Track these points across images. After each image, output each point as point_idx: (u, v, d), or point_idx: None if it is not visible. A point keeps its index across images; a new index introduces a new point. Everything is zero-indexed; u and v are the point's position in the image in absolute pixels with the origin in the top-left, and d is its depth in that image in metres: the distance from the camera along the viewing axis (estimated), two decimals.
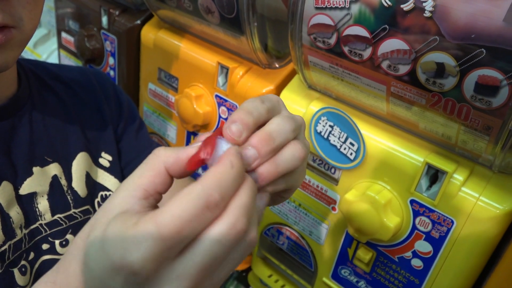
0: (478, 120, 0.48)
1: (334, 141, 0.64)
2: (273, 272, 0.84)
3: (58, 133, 0.59)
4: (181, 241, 0.28)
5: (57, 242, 0.55)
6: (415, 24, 0.47)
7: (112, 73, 1.04)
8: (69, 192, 0.58)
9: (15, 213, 0.51)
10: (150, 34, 0.93)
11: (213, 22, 0.75)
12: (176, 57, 0.87)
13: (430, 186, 0.57)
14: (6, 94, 0.54)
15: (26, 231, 0.52)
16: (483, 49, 0.43)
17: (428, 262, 0.58)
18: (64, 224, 0.56)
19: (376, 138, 0.61)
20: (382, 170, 0.60)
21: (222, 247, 0.29)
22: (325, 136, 0.65)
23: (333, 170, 0.66)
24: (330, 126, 0.64)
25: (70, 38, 1.15)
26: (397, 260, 0.61)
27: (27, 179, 0.53)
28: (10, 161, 0.52)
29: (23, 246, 0.51)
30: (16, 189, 0.52)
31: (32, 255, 0.52)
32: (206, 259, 0.29)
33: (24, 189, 0.53)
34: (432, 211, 0.56)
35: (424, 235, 0.58)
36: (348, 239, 0.67)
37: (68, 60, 1.20)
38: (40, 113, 0.58)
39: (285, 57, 0.77)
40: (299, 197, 0.72)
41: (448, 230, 0.55)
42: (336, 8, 0.52)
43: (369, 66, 0.53)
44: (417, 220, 0.58)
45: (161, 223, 0.27)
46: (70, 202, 0.58)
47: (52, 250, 0.54)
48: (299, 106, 0.67)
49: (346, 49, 0.54)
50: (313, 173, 0.68)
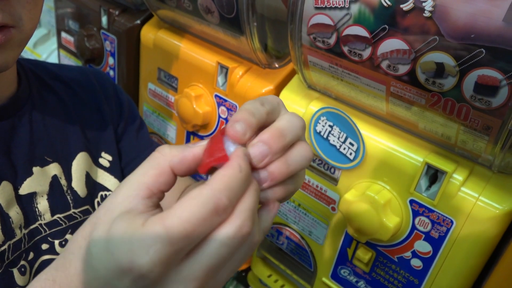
0: (478, 120, 0.48)
1: (334, 141, 0.64)
2: (273, 272, 0.84)
3: (58, 133, 0.59)
4: (189, 244, 0.28)
5: (57, 242, 0.55)
6: (415, 24, 0.47)
7: (112, 73, 1.04)
8: (69, 192, 0.58)
9: (15, 213, 0.51)
10: (150, 34, 0.93)
11: (213, 22, 0.75)
12: (176, 57, 0.87)
13: (430, 186, 0.57)
14: (6, 94, 0.54)
15: (26, 231, 0.52)
16: (483, 49, 0.43)
17: (428, 262, 0.58)
18: (64, 224, 0.56)
19: (376, 138, 0.61)
20: (382, 170, 0.60)
21: (228, 250, 0.29)
22: (325, 136, 0.65)
23: (333, 170, 0.66)
24: (330, 126, 0.64)
25: (70, 38, 1.15)
26: (397, 260, 0.61)
27: (27, 179, 0.53)
28: (10, 161, 0.52)
29: (23, 246, 0.51)
30: (16, 189, 0.52)
31: (32, 255, 0.52)
32: (213, 261, 0.29)
33: (24, 189, 0.53)
34: (432, 211, 0.56)
35: (424, 235, 0.58)
36: (348, 239, 0.67)
37: (68, 60, 1.20)
38: (40, 113, 0.58)
39: (285, 57, 0.77)
40: (299, 197, 0.72)
41: (448, 230, 0.55)
42: (336, 8, 0.52)
43: (369, 66, 0.53)
44: (417, 220, 0.58)
45: (170, 226, 0.27)
46: (70, 202, 0.57)
47: (52, 250, 0.54)
48: (299, 106, 0.67)
49: (346, 49, 0.54)
50: (313, 173, 0.68)
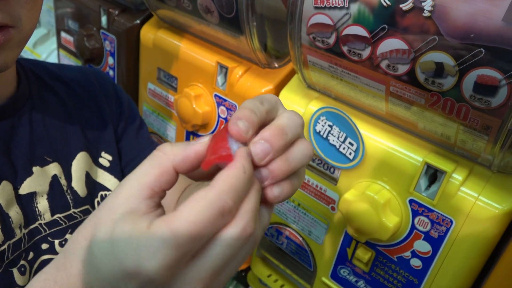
0: (477, 120, 0.48)
1: (333, 141, 0.64)
2: (272, 272, 0.84)
3: (58, 133, 0.59)
4: (195, 247, 0.28)
5: (57, 242, 0.55)
6: (414, 24, 0.47)
7: (112, 73, 1.04)
8: (69, 192, 0.58)
9: (15, 213, 0.51)
10: (150, 34, 0.93)
11: (213, 22, 0.75)
12: (176, 57, 0.87)
13: (429, 186, 0.57)
14: (6, 94, 0.54)
15: (26, 231, 0.52)
16: (482, 49, 0.43)
17: (427, 262, 0.58)
18: (64, 224, 0.56)
19: (375, 138, 0.61)
20: (381, 170, 0.60)
21: (233, 250, 0.30)
22: (324, 136, 0.65)
23: (332, 170, 0.66)
24: (329, 126, 0.64)
25: (70, 38, 1.15)
26: (396, 260, 0.61)
27: (27, 179, 0.53)
28: (10, 161, 0.52)
29: (23, 246, 0.51)
30: (16, 189, 0.52)
31: (32, 255, 0.52)
32: (218, 263, 0.29)
33: (24, 189, 0.53)
34: (431, 211, 0.56)
35: (423, 235, 0.58)
36: (347, 239, 0.67)
37: (68, 60, 1.20)
38: (40, 113, 0.58)
39: (284, 57, 0.77)
40: (298, 197, 0.72)
41: (447, 230, 0.55)
42: (335, 8, 0.52)
43: (368, 66, 0.53)
44: (416, 220, 0.58)
45: (176, 230, 0.27)
46: (70, 202, 0.57)
47: (52, 250, 0.54)
48: (298, 106, 0.67)
49: (345, 49, 0.54)
50: (312, 173, 0.68)
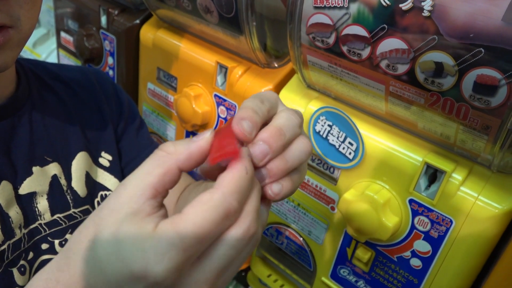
0: (477, 120, 0.48)
1: (333, 141, 0.64)
2: (272, 272, 0.84)
3: (58, 133, 0.59)
4: (201, 249, 0.29)
5: (57, 242, 0.55)
6: (414, 24, 0.47)
7: (111, 73, 1.04)
8: (69, 192, 0.58)
9: (15, 213, 0.51)
10: (149, 34, 0.93)
11: (212, 22, 0.75)
12: (175, 57, 0.87)
13: (429, 186, 0.57)
14: (6, 94, 0.54)
15: (26, 231, 0.52)
16: (482, 49, 0.43)
17: (427, 262, 0.58)
18: (64, 224, 0.56)
19: (375, 138, 0.61)
20: (381, 170, 0.60)
21: (237, 251, 0.30)
22: (324, 136, 0.65)
23: (332, 170, 0.66)
24: (329, 126, 0.64)
25: (69, 38, 1.15)
26: (396, 260, 0.61)
27: (27, 179, 0.53)
28: (10, 161, 0.52)
29: (22, 246, 0.51)
30: (16, 189, 0.52)
31: (31, 255, 0.52)
32: (222, 263, 0.30)
33: (24, 189, 0.53)
34: (431, 211, 0.56)
35: (423, 235, 0.58)
36: (347, 239, 0.67)
37: (67, 60, 1.20)
38: (40, 113, 0.58)
39: (284, 57, 0.77)
40: (298, 197, 0.72)
41: (447, 230, 0.55)
42: (335, 8, 0.52)
43: (368, 66, 0.53)
44: (416, 220, 0.58)
45: (183, 232, 0.27)
46: (70, 202, 0.57)
47: (52, 250, 0.54)
48: (298, 106, 0.67)
49: (345, 49, 0.54)
50: (312, 173, 0.68)
